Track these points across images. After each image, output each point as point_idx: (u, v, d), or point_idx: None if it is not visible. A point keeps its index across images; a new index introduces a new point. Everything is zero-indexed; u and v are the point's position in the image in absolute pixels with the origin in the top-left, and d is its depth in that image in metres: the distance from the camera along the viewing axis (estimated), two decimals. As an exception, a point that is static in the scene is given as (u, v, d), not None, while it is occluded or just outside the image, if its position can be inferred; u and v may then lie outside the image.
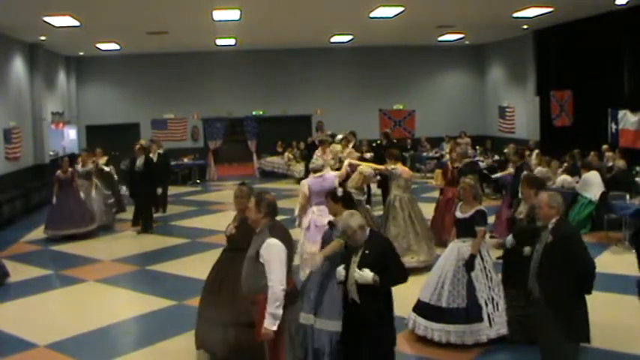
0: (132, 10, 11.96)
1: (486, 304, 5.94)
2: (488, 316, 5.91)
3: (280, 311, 4.30)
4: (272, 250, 4.34)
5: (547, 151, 14.76)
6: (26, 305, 7.88)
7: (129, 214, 12.70)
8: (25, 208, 13.96)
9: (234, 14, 12.55)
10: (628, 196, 9.96)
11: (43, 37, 14.94)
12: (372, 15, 13.44)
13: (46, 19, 12.14)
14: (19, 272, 9.20)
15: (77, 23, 12.73)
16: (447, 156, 12.04)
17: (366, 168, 8.80)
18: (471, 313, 5.89)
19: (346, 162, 9.09)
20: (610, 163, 12.10)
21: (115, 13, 12.16)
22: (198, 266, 9.22)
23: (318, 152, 11.29)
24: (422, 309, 6.15)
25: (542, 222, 4.86)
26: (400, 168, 9.03)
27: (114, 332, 6.86)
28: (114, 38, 16.02)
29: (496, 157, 16.07)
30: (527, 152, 12.37)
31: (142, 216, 12.02)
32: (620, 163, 11.54)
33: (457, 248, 6.15)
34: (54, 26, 12.89)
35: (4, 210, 12.87)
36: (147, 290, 8.29)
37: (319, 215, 8.14)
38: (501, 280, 6.09)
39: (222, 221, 12.62)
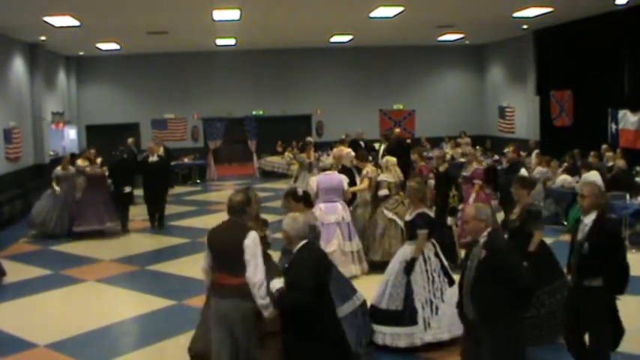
0: (132, 10, 11.96)
1: (423, 308, 5.88)
2: (424, 319, 5.85)
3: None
4: None
5: (547, 151, 14.76)
6: (26, 305, 7.89)
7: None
8: (25, 208, 13.92)
9: (234, 14, 12.55)
10: (628, 196, 9.96)
11: (43, 37, 14.94)
12: (372, 15, 13.44)
13: (46, 19, 12.14)
14: (19, 272, 9.21)
15: (77, 23, 12.72)
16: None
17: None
18: (406, 315, 5.86)
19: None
20: (610, 163, 12.10)
21: (115, 13, 12.16)
22: (198, 266, 9.19)
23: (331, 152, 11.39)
24: (371, 311, 6.13)
25: (472, 236, 4.60)
26: (370, 169, 9.03)
27: (114, 332, 6.86)
28: (114, 38, 16.02)
29: (496, 157, 16.07)
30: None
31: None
32: (620, 163, 11.54)
33: (403, 250, 6.20)
34: (54, 26, 12.89)
35: (4, 210, 12.89)
36: (147, 290, 8.29)
37: (325, 213, 8.16)
38: None
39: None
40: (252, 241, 4.51)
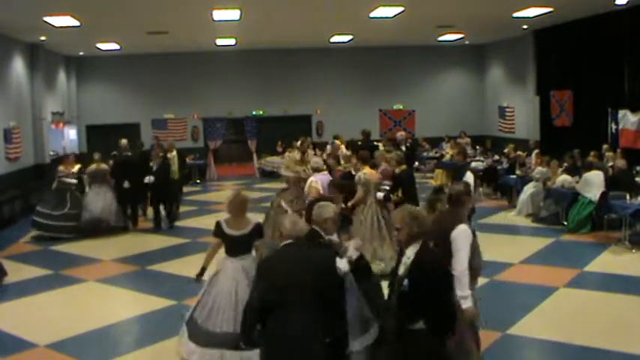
0: (132, 10, 11.97)
1: None
2: None
3: None
4: None
5: (547, 151, 14.76)
6: (26, 305, 7.88)
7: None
8: (25, 208, 13.93)
9: (234, 14, 12.56)
10: (628, 196, 9.96)
11: (43, 37, 14.94)
12: (372, 15, 13.45)
13: (46, 19, 12.15)
14: (19, 272, 9.20)
15: (77, 23, 12.73)
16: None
17: None
18: None
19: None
20: (610, 163, 12.10)
21: (115, 13, 12.17)
22: (199, 266, 9.22)
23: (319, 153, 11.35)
24: None
25: None
26: (368, 171, 9.03)
27: (114, 332, 6.86)
28: (114, 38, 16.03)
29: (496, 157, 16.07)
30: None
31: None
32: (620, 163, 11.54)
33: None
34: (54, 26, 12.89)
35: (4, 210, 12.88)
36: (147, 290, 8.28)
37: None
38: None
39: (222, 221, 12.70)
40: (458, 233, 4.66)
